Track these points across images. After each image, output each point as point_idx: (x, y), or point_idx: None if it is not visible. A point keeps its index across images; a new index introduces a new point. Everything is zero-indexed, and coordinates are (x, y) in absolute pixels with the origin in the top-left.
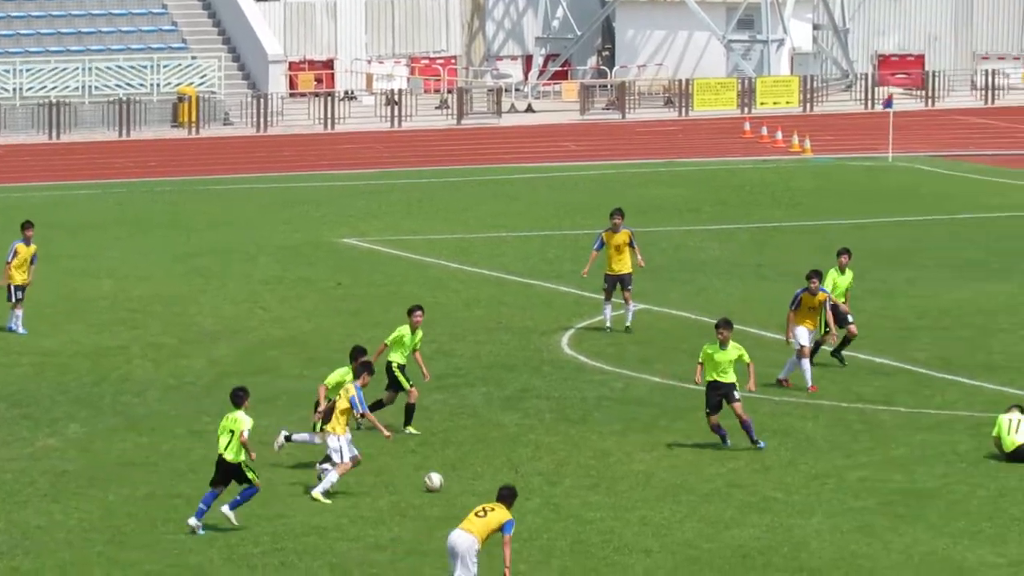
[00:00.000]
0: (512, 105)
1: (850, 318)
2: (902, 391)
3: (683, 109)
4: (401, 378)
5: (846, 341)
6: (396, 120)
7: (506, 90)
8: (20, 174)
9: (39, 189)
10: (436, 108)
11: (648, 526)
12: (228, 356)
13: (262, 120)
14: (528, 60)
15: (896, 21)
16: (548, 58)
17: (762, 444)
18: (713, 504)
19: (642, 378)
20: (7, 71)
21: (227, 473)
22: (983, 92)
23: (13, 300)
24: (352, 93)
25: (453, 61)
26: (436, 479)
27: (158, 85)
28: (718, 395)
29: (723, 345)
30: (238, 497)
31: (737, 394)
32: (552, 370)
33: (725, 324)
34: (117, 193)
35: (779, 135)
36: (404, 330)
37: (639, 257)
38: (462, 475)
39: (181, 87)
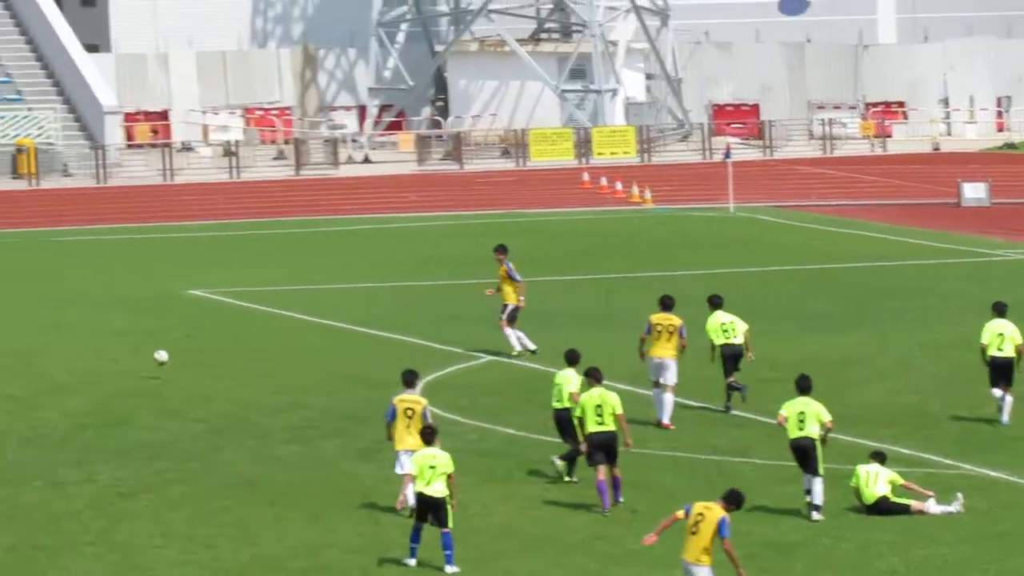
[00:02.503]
0: (349, 156)
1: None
2: (758, 443)
3: (520, 160)
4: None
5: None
6: (234, 171)
7: (342, 141)
8: None
9: None
10: (274, 159)
11: None
12: (82, 407)
13: (101, 171)
14: (362, 111)
15: (729, 70)
16: (382, 109)
17: (620, 499)
18: (577, 556)
19: (496, 430)
20: None
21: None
22: (821, 142)
23: None
24: (189, 144)
25: (288, 112)
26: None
27: None
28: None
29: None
30: (446, 552)
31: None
32: None
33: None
34: None
35: (619, 185)
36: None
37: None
38: (321, 527)
39: (19, 139)
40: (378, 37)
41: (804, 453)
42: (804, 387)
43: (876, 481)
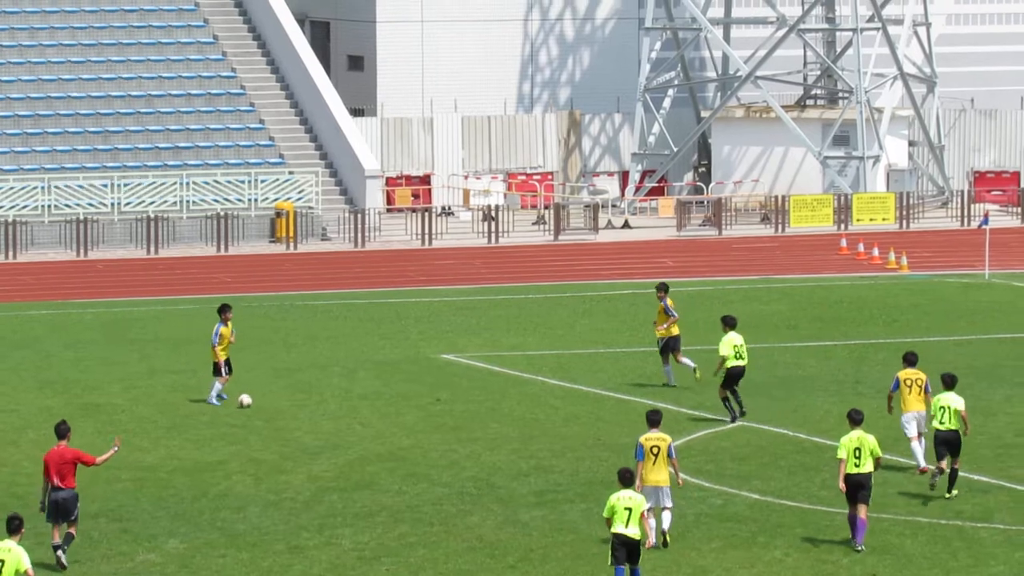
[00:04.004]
0: (609, 221)
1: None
2: (1001, 508)
3: (780, 225)
4: None
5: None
6: (493, 236)
7: (602, 206)
8: (121, 289)
9: (140, 304)
10: (533, 224)
11: None
12: (328, 471)
13: (359, 235)
14: (624, 176)
15: (991, 137)
16: (644, 174)
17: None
18: None
19: (741, 495)
20: (105, 185)
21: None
22: None
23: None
24: (449, 208)
25: (550, 177)
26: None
27: (255, 200)
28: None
29: None
30: None
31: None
32: None
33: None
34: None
35: (876, 251)
36: None
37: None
38: None
39: (279, 202)
40: (644, 102)
41: None
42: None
43: None
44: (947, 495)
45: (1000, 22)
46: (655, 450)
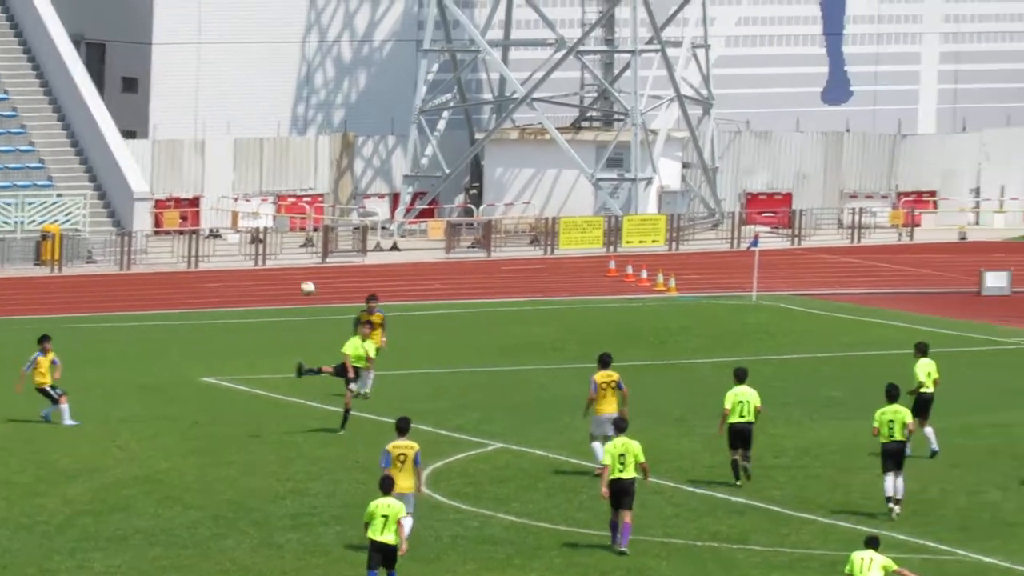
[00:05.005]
0: (378, 243)
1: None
2: (757, 530)
3: (549, 247)
4: None
5: None
6: (260, 258)
7: (372, 228)
8: None
9: None
10: (301, 246)
11: None
12: (83, 495)
13: (125, 258)
14: (396, 198)
15: (766, 159)
16: (416, 196)
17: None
18: None
19: (498, 516)
20: None
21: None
22: (849, 231)
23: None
24: (217, 231)
25: (320, 199)
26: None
27: (22, 223)
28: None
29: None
30: None
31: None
32: None
33: None
34: None
35: (644, 274)
36: None
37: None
38: None
39: (45, 225)
40: (419, 124)
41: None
42: (893, 395)
43: (870, 567)
44: (737, 482)
45: (777, 44)
46: (402, 458)
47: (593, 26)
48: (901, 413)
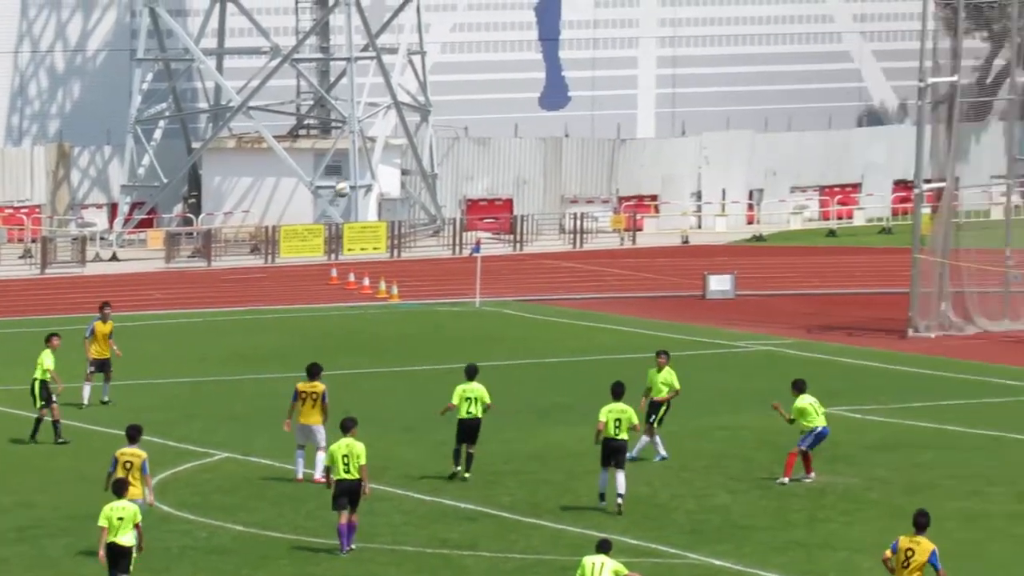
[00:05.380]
0: (97, 254)
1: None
2: (487, 536)
3: (270, 256)
4: None
5: None
6: None
7: (91, 239)
8: None
9: None
10: (20, 258)
11: None
12: None
13: None
14: (114, 208)
15: (485, 165)
16: (134, 206)
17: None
18: None
19: (226, 527)
20: None
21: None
22: (571, 236)
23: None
24: None
25: (38, 210)
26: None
27: None
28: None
29: None
30: None
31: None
32: None
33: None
34: None
35: (366, 281)
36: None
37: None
38: None
39: None
40: (135, 134)
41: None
42: (618, 393)
43: (601, 572)
44: (456, 468)
45: (493, 50)
46: (128, 465)
47: (308, 34)
48: (628, 412)
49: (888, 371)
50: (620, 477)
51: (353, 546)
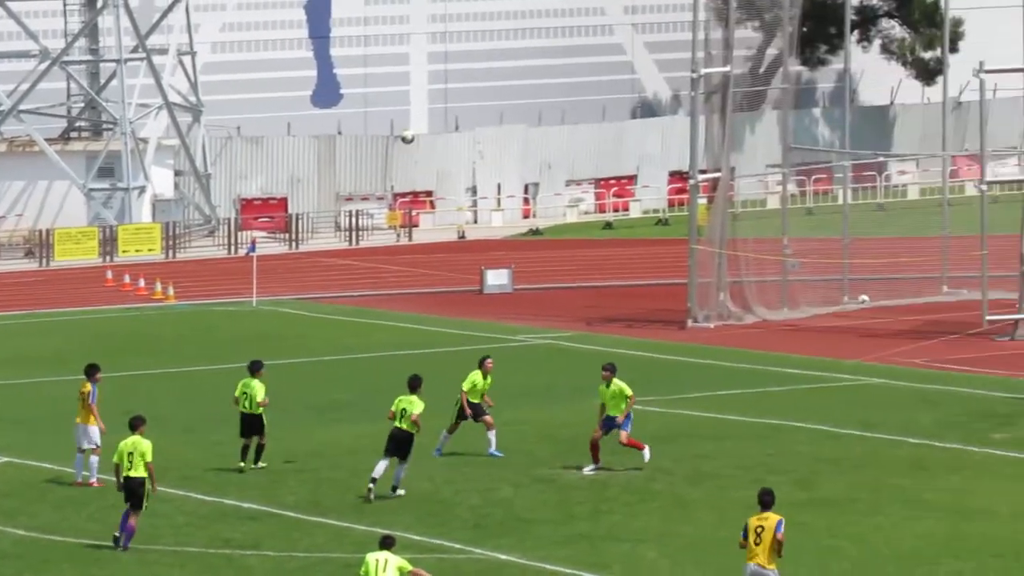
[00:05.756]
0: None
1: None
2: (271, 535)
3: (44, 259)
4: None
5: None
6: None
7: None
8: None
9: None
10: None
11: None
12: None
13: None
14: None
15: (259, 164)
16: None
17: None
18: None
19: (7, 531)
20: None
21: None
22: (347, 233)
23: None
24: None
25: None
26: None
27: None
28: None
29: None
30: None
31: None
32: None
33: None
34: None
35: (142, 283)
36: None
37: None
38: None
39: None
40: None
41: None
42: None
43: (385, 568)
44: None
45: (264, 49)
46: None
47: (77, 36)
48: (414, 405)
49: (667, 362)
50: (400, 470)
51: (128, 545)
